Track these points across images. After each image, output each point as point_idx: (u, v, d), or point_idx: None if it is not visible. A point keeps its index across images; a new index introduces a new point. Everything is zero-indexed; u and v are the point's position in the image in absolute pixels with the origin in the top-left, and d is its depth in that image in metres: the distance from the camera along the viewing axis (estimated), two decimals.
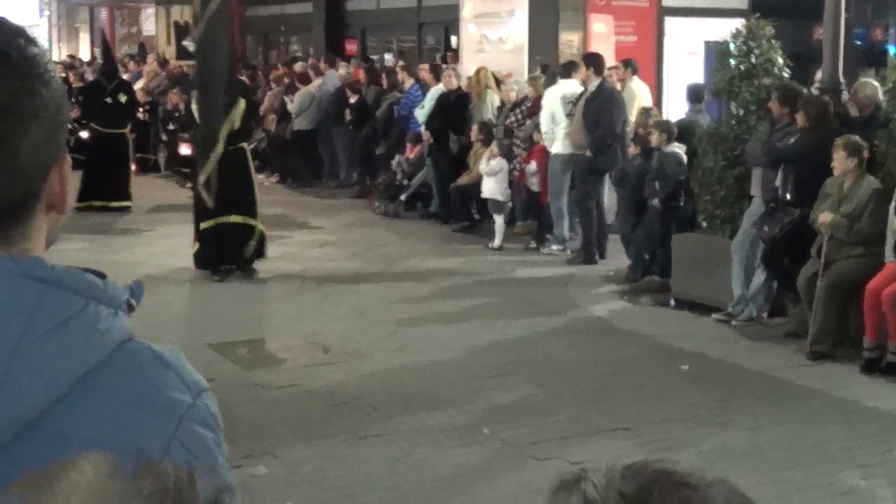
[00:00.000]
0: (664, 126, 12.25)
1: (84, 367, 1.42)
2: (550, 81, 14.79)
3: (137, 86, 21.57)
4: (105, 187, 17.04)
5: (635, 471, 1.11)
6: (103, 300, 1.48)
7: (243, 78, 17.69)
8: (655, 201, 12.05)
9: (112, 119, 17.36)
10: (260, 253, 12.58)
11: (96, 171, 16.93)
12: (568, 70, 14.37)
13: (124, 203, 17.29)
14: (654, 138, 12.14)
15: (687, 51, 17.64)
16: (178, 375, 1.51)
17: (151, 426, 1.44)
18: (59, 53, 35.22)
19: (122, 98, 17.74)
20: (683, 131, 12.27)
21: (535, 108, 15.06)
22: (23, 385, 1.36)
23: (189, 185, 19.17)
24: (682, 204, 12.08)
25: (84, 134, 18.25)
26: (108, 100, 17.51)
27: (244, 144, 12.74)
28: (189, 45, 17.59)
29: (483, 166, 14.65)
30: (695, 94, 13.69)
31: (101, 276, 1.51)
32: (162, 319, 9.52)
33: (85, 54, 34.67)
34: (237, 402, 7.98)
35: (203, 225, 12.32)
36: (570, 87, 14.09)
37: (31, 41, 1.51)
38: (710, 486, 1.10)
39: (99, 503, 1.00)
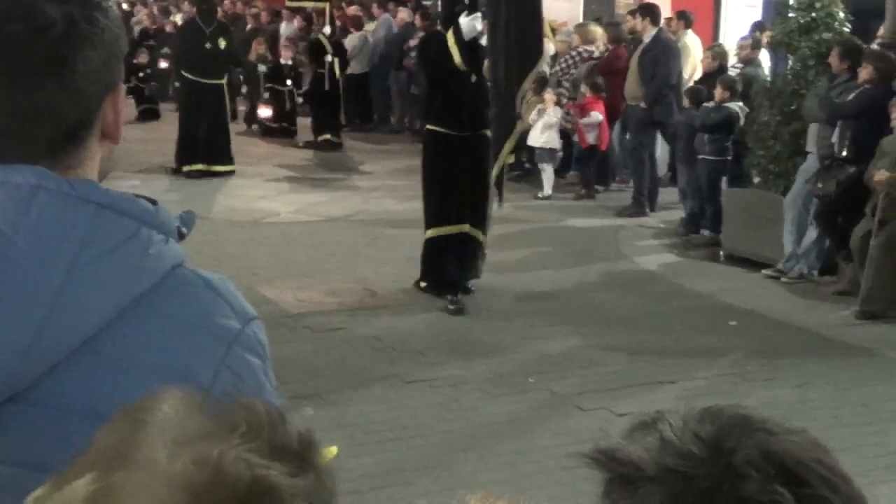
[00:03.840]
0: (727, 82, 12.07)
1: (135, 291, 1.43)
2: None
3: None
4: (205, 146, 15.02)
5: (713, 414, 1.11)
6: (155, 225, 1.49)
7: None
8: (703, 155, 11.96)
9: (211, 67, 15.07)
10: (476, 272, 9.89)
11: (194, 127, 15.01)
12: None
13: (229, 167, 15.29)
14: (718, 93, 11.97)
15: (745, 3, 17.39)
16: (228, 302, 1.53)
17: (201, 351, 1.45)
18: None
19: (222, 43, 15.23)
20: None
21: (583, 58, 14.95)
22: (75, 306, 1.38)
23: (301, 144, 18.04)
24: (729, 158, 11.97)
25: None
26: (208, 45, 15.01)
27: (487, 131, 9.61)
28: None
29: (534, 116, 14.54)
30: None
31: (153, 202, 1.53)
32: (210, 260, 9.59)
33: None
34: (285, 343, 8.02)
35: (431, 233, 9.69)
36: None
37: None
38: (788, 433, 1.10)
39: (191, 439, 1.00)
